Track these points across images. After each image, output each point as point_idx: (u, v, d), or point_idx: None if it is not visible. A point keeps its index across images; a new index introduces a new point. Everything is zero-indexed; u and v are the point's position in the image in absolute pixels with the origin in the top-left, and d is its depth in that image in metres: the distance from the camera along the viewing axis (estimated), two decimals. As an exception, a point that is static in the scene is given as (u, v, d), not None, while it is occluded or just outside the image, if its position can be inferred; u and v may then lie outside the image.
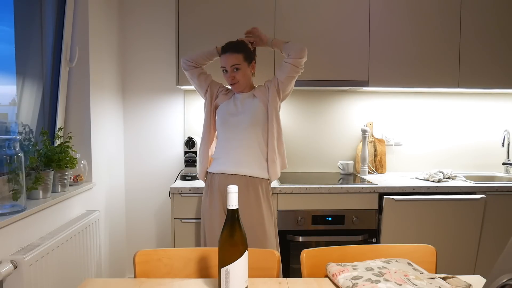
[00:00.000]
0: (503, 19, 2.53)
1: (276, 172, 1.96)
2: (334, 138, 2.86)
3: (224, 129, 1.96)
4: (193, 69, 2.02)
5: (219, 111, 2.01)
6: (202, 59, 2.02)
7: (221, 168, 1.93)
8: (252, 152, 1.92)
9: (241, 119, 1.92)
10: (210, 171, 1.98)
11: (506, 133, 2.81)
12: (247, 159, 1.91)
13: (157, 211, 2.84)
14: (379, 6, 2.47)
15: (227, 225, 0.99)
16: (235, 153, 1.91)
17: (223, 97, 2.02)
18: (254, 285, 1.11)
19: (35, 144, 1.80)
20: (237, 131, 1.92)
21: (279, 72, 1.94)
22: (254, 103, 1.94)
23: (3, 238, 1.44)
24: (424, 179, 2.51)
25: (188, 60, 2.01)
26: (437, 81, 2.52)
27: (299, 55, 1.88)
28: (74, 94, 2.19)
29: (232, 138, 1.93)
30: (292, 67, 1.89)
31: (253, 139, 1.92)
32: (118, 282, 1.14)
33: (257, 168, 1.92)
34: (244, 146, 1.91)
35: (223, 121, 1.96)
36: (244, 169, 1.90)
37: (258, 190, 1.91)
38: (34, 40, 1.95)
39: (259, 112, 1.93)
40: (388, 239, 2.28)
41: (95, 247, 2.10)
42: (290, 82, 1.95)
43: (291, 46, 1.91)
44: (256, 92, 1.96)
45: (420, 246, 1.31)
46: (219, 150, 1.98)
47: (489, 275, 0.67)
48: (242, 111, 1.94)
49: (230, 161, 1.91)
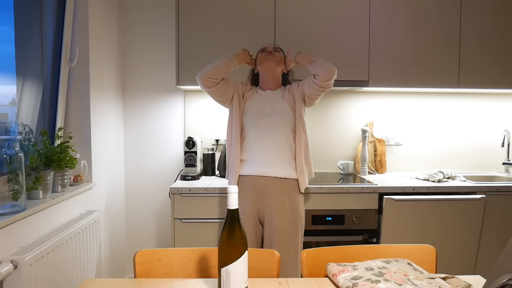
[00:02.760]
0: (503, 19, 2.53)
1: (305, 181, 1.92)
2: (334, 138, 2.86)
3: (256, 130, 1.89)
4: (218, 85, 1.88)
5: (247, 110, 1.93)
6: (223, 73, 1.89)
7: (254, 170, 1.88)
8: (284, 153, 1.89)
9: (273, 120, 1.88)
10: (242, 174, 1.92)
11: (506, 133, 2.81)
12: (280, 161, 1.88)
13: (157, 211, 2.84)
14: (379, 6, 2.47)
15: (227, 225, 0.99)
16: (268, 154, 1.87)
17: (249, 94, 1.98)
18: (254, 285, 1.11)
19: (35, 144, 1.80)
20: (269, 132, 1.88)
21: (306, 86, 1.88)
22: (283, 105, 1.91)
23: (3, 238, 1.44)
24: (424, 179, 2.51)
25: (211, 77, 1.85)
26: (437, 81, 2.52)
27: (327, 78, 1.80)
28: (74, 94, 2.19)
29: (263, 138, 1.88)
30: (320, 88, 1.84)
31: (284, 140, 1.89)
32: (118, 282, 1.14)
33: (290, 169, 1.90)
34: (277, 147, 1.88)
35: (255, 121, 1.89)
36: (278, 171, 1.87)
37: (293, 191, 1.89)
38: (34, 40, 1.95)
39: (289, 114, 1.90)
40: (388, 239, 2.28)
41: (95, 247, 2.10)
42: (317, 98, 1.92)
43: (318, 66, 1.82)
44: (285, 95, 1.93)
45: (420, 246, 1.31)
46: (250, 151, 1.91)
47: (489, 275, 0.67)
48: (272, 112, 1.90)
49: (263, 162, 1.87)
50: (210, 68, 1.87)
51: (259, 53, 2.03)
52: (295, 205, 1.88)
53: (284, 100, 1.92)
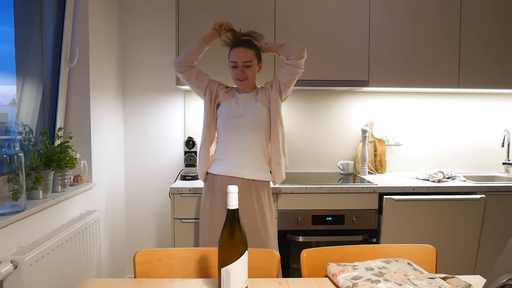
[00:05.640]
0: (503, 19, 2.53)
1: (282, 175, 1.94)
2: (334, 138, 2.86)
3: (227, 131, 1.92)
4: (189, 70, 1.95)
5: (221, 111, 1.97)
6: (193, 55, 1.95)
7: (223, 170, 1.90)
8: (255, 155, 1.90)
9: (245, 122, 1.89)
10: (211, 172, 1.95)
11: (506, 133, 2.81)
12: (250, 162, 1.89)
13: (157, 211, 2.84)
14: (379, 6, 2.47)
15: (227, 225, 0.99)
16: (238, 155, 1.89)
17: (224, 96, 1.97)
18: (254, 285, 1.11)
19: (35, 144, 1.80)
20: (240, 134, 1.89)
21: (280, 74, 1.92)
22: (256, 106, 1.92)
23: (3, 238, 1.44)
24: (424, 179, 2.51)
25: (181, 62, 1.94)
26: (437, 81, 2.52)
27: (299, 56, 1.86)
28: (74, 94, 2.19)
29: (234, 140, 1.90)
30: (293, 68, 1.87)
31: (256, 142, 1.90)
32: (118, 282, 1.14)
33: (260, 171, 1.91)
34: (247, 149, 1.89)
35: (226, 122, 1.92)
36: (247, 172, 1.88)
37: (261, 193, 1.90)
38: (34, 40, 1.95)
39: (262, 115, 1.91)
40: (388, 239, 2.28)
41: (95, 247, 2.10)
42: (292, 83, 1.93)
43: (290, 48, 1.88)
44: (258, 96, 1.93)
45: (420, 246, 1.31)
46: (220, 151, 1.94)
47: (489, 275, 0.67)
48: (245, 113, 1.91)
49: (233, 163, 1.89)
50: (182, 54, 1.96)
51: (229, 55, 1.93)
52: (263, 206, 1.89)
53: (258, 101, 1.92)
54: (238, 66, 1.88)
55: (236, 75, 1.90)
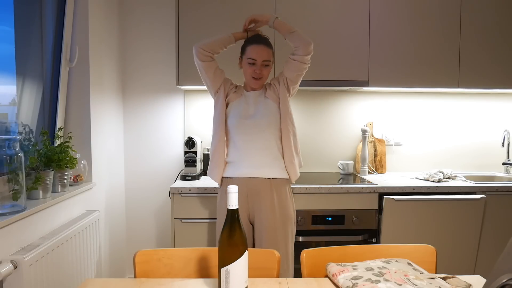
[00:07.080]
0: (503, 19, 2.53)
1: (296, 172, 1.91)
2: (334, 138, 2.86)
3: (240, 131, 1.87)
4: (211, 62, 1.86)
5: (230, 111, 1.91)
6: (218, 46, 1.86)
7: (242, 172, 1.85)
8: (271, 153, 1.87)
9: (258, 121, 1.86)
10: (227, 175, 1.88)
11: (506, 133, 2.81)
12: (269, 161, 1.86)
13: (157, 211, 2.84)
14: (379, 6, 2.48)
15: (227, 225, 0.99)
16: (256, 155, 1.85)
17: (233, 95, 1.92)
18: (254, 285, 1.11)
19: (35, 144, 1.80)
20: (255, 133, 1.85)
21: (286, 70, 1.88)
22: (267, 103, 1.89)
23: (3, 238, 1.44)
24: (424, 179, 2.51)
25: (205, 50, 1.83)
26: (437, 81, 2.53)
27: (306, 51, 1.82)
28: (74, 94, 2.19)
29: (250, 140, 1.85)
30: (300, 64, 1.84)
31: (271, 140, 1.87)
32: (118, 282, 1.14)
33: (279, 169, 1.88)
34: (264, 147, 1.86)
35: (238, 123, 1.87)
36: (268, 171, 1.86)
37: (282, 191, 1.88)
38: (34, 40, 1.95)
39: (274, 112, 1.88)
40: (388, 239, 2.28)
41: (95, 247, 2.10)
42: (299, 78, 1.91)
43: (299, 39, 1.83)
44: (268, 93, 1.90)
45: (420, 246, 1.31)
46: (235, 153, 1.88)
47: (489, 275, 0.67)
48: (257, 113, 1.87)
49: (252, 164, 1.85)
50: (206, 40, 1.87)
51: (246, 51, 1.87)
52: (284, 205, 1.87)
53: (268, 98, 1.90)
54: (257, 64, 1.83)
55: (253, 73, 1.85)
